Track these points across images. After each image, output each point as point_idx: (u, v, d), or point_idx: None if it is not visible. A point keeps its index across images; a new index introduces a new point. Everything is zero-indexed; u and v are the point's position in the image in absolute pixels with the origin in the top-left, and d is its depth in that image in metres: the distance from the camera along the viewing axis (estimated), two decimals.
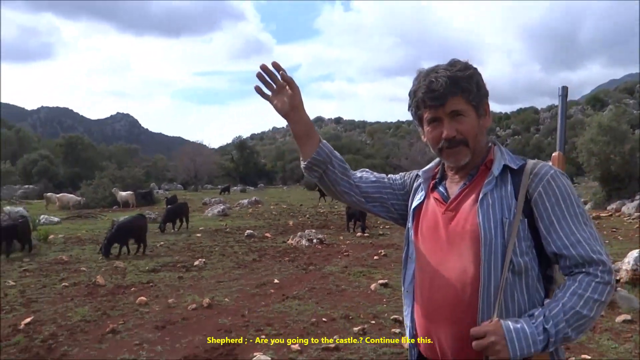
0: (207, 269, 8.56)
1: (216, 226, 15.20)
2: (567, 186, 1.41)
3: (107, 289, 7.07)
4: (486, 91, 1.51)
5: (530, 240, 1.41)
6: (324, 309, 6.01)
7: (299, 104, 1.60)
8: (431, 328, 1.50)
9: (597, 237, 1.38)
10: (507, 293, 1.38)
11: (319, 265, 8.74)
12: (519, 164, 1.47)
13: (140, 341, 4.90)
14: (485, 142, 1.54)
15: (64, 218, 18.44)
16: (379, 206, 1.76)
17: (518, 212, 1.39)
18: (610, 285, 1.34)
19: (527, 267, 1.39)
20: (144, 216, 11.03)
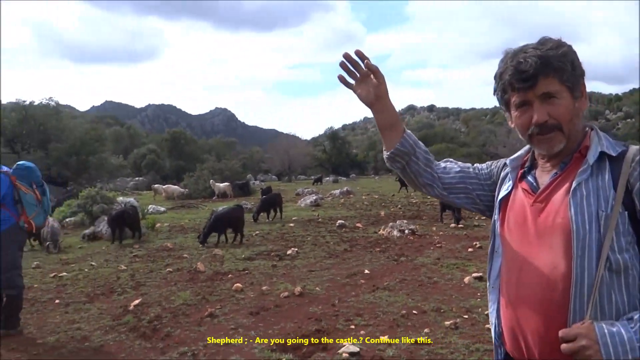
0: (299, 258, 8.76)
1: (309, 216, 15.50)
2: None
3: (207, 275, 7.47)
4: (582, 70, 1.37)
5: (631, 236, 1.27)
6: (414, 301, 5.92)
7: (384, 94, 1.57)
8: (518, 327, 1.41)
9: None
10: (603, 293, 1.26)
11: (410, 257, 8.61)
12: (619, 150, 1.33)
13: (235, 325, 5.13)
14: (582, 127, 1.40)
15: (169, 208, 19.74)
16: (463, 197, 1.68)
17: (617, 204, 1.26)
18: None
19: (627, 265, 1.26)
20: (242, 207, 11.50)
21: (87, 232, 11.75)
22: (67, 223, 13.82)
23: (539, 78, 1.31)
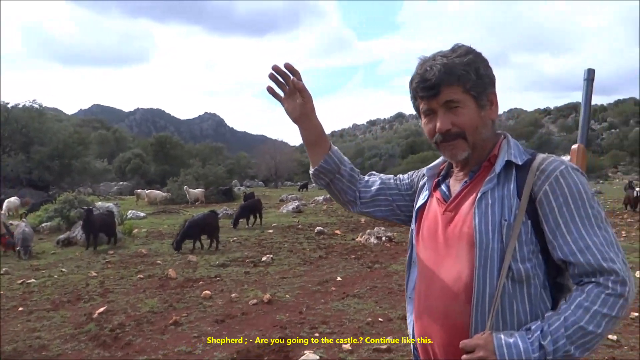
0: (273, 264, 8.72)
1: (289, 223, 15.46)
2: (580, 184, 1.24)
3: (177, 282, 7.40)
4: (491, 79, 1.35)
5: (534, 245, 1.26)
6: (382, 308, 5.91)
7: (309, 111, 1.57)
8: (427, 338, 1.40)
9: (612, 243, 1.21)
10: (505, 302, 1.25)
11: (384, 264, 8.61)
12: (525, 158, 1.32)
13: (198, 334, 5.07)
14: (493, 136, 1.39)
15: (150, 213, 19.58)
16: (384, 209, 1.68)
17: (520, 213, 1.25)
18: (623, 298, 1.16)
19: (529, 274, 1.25)
20: (216, 213, 11.42)
21: (62, 237, 11.59)
22: (43, 228, 13.63)
23: (441, 87, 1.31)
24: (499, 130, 1.42)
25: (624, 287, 1.17)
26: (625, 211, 18.08)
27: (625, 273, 1.18)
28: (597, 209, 1.23)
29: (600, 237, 1.21)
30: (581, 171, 1.28)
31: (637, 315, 5.39)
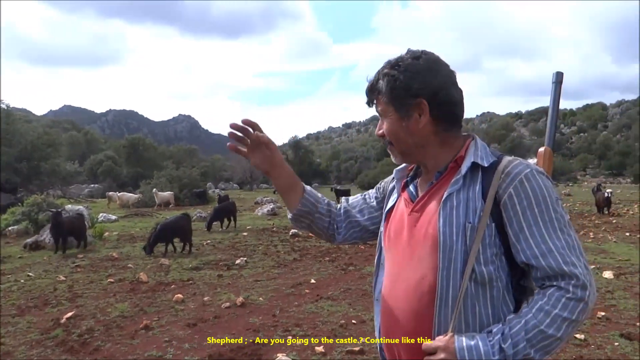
0: (247, 267, 8.66)
1: (264, 225, 15.39)
2: (544, 187, 1.24)
3: (149, 286, 7.28)
4: (412, 91, 1.32)
5: (498, 248, 1.26)
6: (355, 310, 5.92)
7: (278, 162, 1.55)
8: (392, 338, 1.40)
9: (574, 247, 1.22)
10: (468, 305, 1.25)
11: (358, 266, 8.64)
12: (491, 161, 1.31)
13: (169, 338, 4.99)
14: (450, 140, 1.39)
15: (122, 216, 19.25)
16: (359, 230, 1.67)
17: (484, 216, 1.25)
18: (584, 302, 1.17)
19: (492, 277, 1.25)
20: (188, 216, 11.28)
21: (29, 241, 11.29)
22: (10, 232, 13.26)
23: (373, 97, 1.41)
24: (465, 132, 1.43)
25: (584, 291, 1.17)
26: (593, 213, 18.54)
27: (586, 277, 1.19)
28: (561, 212, 1.24)
29: (562, 241, 1.21)
30: (546, 175, 1.29)
31: (604, 314, 5.53)
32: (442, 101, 1.33)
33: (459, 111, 1.37)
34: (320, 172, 68.88)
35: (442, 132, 1.37)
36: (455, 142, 1.39)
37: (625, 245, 10.92)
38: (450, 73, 1.37)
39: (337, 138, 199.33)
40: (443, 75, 1.34)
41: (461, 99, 1.38)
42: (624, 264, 8.60)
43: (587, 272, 1.20)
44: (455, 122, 1.38)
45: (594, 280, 1.21)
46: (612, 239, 11.76)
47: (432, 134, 1.36)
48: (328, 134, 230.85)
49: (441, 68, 1.35)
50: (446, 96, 1.33)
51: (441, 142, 1.38)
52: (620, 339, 4.82)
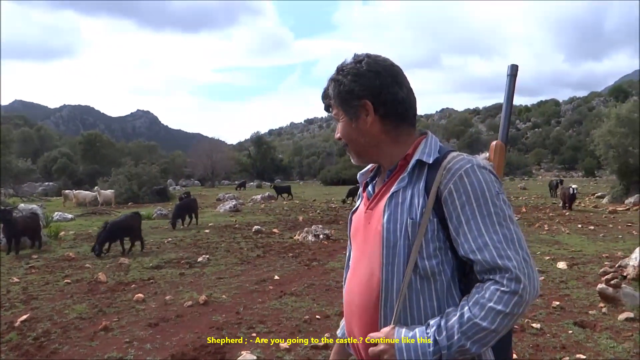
0: (210, 265, 8.56)
1: (226, 222, 15.25)
2: (484, 182, 1.25)
3: (108, 286, 7.10)
4: (355, 94, 1.37)
5: (442, 242, 1.28)
6: (319, 305, 5.95)
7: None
8: (350, 333, 1.47)
9: (511, 240, 1.22)
10: (412, 298, 1.29)
11: (322, 261, 8.68)
12: (436, 157, 1.34)
13: (130, 339, 4.89)
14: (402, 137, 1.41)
15: (79, 215, 18.69)
16: None
17: (426, 212, 1.27)
18: (518, 295, 1.17)
19: (435, 271, 1.27)
20: (139, 214, 10.99)
21: None
22: None
23: (327, 103, 1.48)
24: (424, 130, 1.46)
25: (518, 284, 1.17)
26: (547, 206, 19.20)
27: (522, 270, 1.19)
28: (500, 206, 1.24)
29: (499, 234, 1.22)
30: (489, 169, 1.29)
31: (558, 304, 5.74)
32: (385, 100, 1.36)
33: (404, 109, 1.39)
34: (283, 168, 68.69)
35: (392, 131, 1.40)
36: (409, 140, 1.41)
37: (577, 236, 11.36)
38: (394, 73, 1.39)
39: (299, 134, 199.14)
40: (384, 76, 1.36)
41: (407, 97, 1.39)
42: (577, 255, 8.94)
43: (524, 265, 1.20)
44: (403, 120, 1.40)
45: (535, 273, 1.22)
46: (566, 231, 12.21)
47: (382, 133, 1.40)
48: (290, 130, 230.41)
49: (383, 69, 1.37)
50: (388, 95, 1.36)
51: (393, 141, 1.41)
52: (574, 327, 5.01)
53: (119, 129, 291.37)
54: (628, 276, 6.60)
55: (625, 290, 5.71)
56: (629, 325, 5.03)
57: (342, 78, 1.39)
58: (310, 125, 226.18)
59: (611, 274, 6.09)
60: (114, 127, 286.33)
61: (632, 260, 6.72)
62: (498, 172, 1.38)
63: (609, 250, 9.36)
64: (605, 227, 12.84)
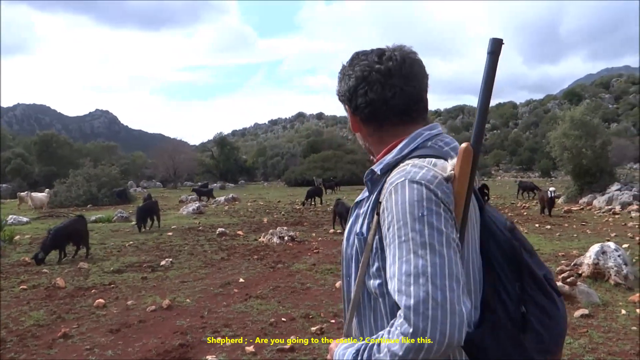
0: (173, 268, 8.43)
1: (189, 224, 15.03)
2: (409, 201, 1.09)
3: (67, 292, 6.90)
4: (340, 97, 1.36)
5: (384, 262, 1.14)
6: (285, 308, 5.94)
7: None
8: None
9: (423, 274, 1.03)
10: (366, 314, 1.25)
11: (287, 263, 8.67)
12: (382, 167, 1.24)
13: (91, 346, 4.77)
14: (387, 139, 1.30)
15: (35, 218, 18.08)
16: None
17: (372, 228, 1.18)
18: (409, 340, 1.00)
19: (377, 292, 1.19)
20: (84, 218, 10.64)
21: None
22: None
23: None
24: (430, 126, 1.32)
25: (408, 327, 1.01)
26: (507, 206, 19.74)
27: (420, 312, 1.00)
28: (421, 231, 1.06)
29: (410, 265, 1.04)
30: (425, 184, 1.11)
31: None
32: (357, 104, 1.29)
33: (379, 110, 1.27)
34: (247, 169, 68.13)
35: (374, 132, 1.33)
36: (392, 141, 1.29)
37: (535, 235, 11.71)
38: (369, 72, 1.26)
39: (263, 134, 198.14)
40: (356, 77, 1.28)
41: (379, 96, 1.26)
42: None
43: (428, 305, 1.00)
44: (381, 120, 1.29)
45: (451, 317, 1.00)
46: (524, 230, 12.58)
47: (367, 135, 1.36)
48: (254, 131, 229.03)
49: (358, 69, 1.28)
50: (359, 97, 1.28)
51: (378, 142, 1.33)
52: None
53: (76, 128, 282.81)
54: (583, 274, 6.85)
55: (580, 288, 5.93)
56: (584, 321, 5.23)
57: (343, 74, 1.35)
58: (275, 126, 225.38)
59: (567, 272, 6.31)
60: (71, 127, 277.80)
61: (587, 258, 6.98)
62: (460, 182, 1.14)
63: (565, 249, 9.69)
64: (561, 227, 13.30)
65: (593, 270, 6.79)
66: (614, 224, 13.88)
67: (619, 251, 6.95)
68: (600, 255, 6.84)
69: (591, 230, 12.43)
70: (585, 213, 16.92)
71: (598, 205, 18.06)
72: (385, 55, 1.28)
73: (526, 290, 1.19)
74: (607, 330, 4.98)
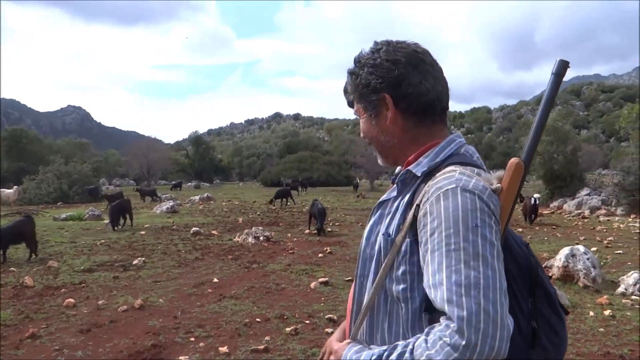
0: (145, 268, 8.30)
1: (163, 223, 14.83)
2: (462, 209, 1.05)
3: (35, 291, 6.73)
4: (373, 87, 1.23)
5: (414, 267, 1.12)
6: (259, 308, 5.91)
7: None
8: None
9: (475, 285, 1.00)
10: (379, 319, 1.21)
11: (262, 263, 8.62)
12: (424, 170, 1.19)
13: (60, 346, 4.66)
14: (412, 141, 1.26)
15: (2, 215, 17.59)
16: None
17: (402, 230, 1.14)
18: (459, 352, 0.96)
19: (400, 297, 1.14)
20: (31, 218, 10.31)
21: None
22: None
23: (348, 98, 1.35)
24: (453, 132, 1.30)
25: (460, 339, 0.97)
26: None
27: (472, 324, 0.97)
28: (474, 242, 1.03)
29: (461, 275, 1.01)
30: (479, 194, 1.08)
31: None
32: (407, 93, 1.21)
33: (429, 101, 1.23)
34: (222, 168, 67.63)
35: (412, 128, 1.25)
36: (428, 140, 1.25)
37: None
38: (416, 61, 1.22)
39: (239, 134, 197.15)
40: (405, 65, 1.21)
41: (434, 88, 1.22)
42: None
43: (480, 318, 0.97)
44: (426, 116, 1.24)
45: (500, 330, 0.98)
46: None
47: (402, 131, 1.26)
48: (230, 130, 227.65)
49: (404, 56, 1.21)
50: (410, 86, 1.21)
51: (411, 140, 1.26)
52: None
53: (47, 124, 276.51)
54: (553, 276, 7.00)
55: None
56: None
57: (359, 70, 1.25)
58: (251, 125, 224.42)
59: None
60: (42, 123, 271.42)
61: (557, 261, 7.14)
62: (507, 197, 1.13)
63: (536, 251, 9.78)
64: (532, 230, 13.56)
65: (563, 273, 6.95)
66: (583, 227, 14.24)
67: (588, 254, 7.12)
68: (570, 258, 6.99)
69: (561, 234, 12.71)
70: (556, 217, 17.30)
71: (568, 209, 18.48)
72: (419, 48, 1.24)
73: (538, 307, 1.17)
74: (575, 331, 5.09)
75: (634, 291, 6.35)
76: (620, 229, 13.68)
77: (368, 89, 1.24)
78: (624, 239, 11.78)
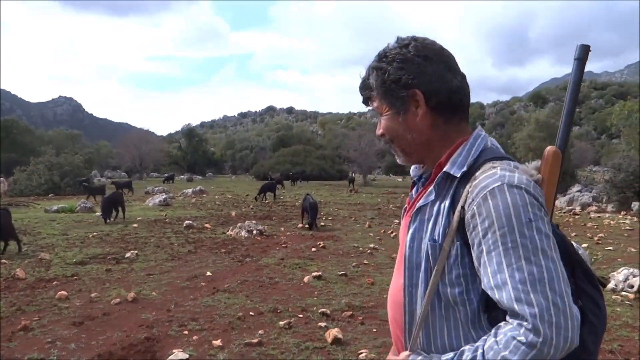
0: (138, 261, 8.28)
1: (155, 216, 14.78)
2: (513, 206, 1.04)
3: (27, 283, 6.70)
4: (404, 82, 1.20)
5: (467, 269, 1.12)
6: (253, 302, 5.92)
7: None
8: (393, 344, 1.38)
9: (540, 280, 1.00)
10: (435, 326, 1.18)
11: (255, 257, 8.63)
12: (464, 169, 1.16)
13: (53, 339, 4.65)
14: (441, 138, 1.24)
15: None
16: None
17: (449, 234, 1.12)
18: (536, 349, 0.97)
19: (457, 300, 1.14)
20: (7, 210, 10.18)
21: None
22: None
23: (367, 95, 1.31)
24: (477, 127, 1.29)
25: (536, 336, 0.98)
26: None
27: (545, 319, 0.98)
28: (531, 237, 1.03)
29: (524, 272, 1.01)
30: (525, 188, 1.07)
31: None
32: (439, 89, 1.20)
33: (458, 98, 1.23)
34: (215, 161, 67.46)
35: (442, 126, 1.24)
36: (458, 137, 1.24)
37: None
38: (445, 57, 1.23)
39: (232, 127, 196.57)
40: (436, 61, 1.21)
41: (462, 85, 1.23)
42: None
43: (551, 312, 0.99)
44: (455, 113, 1.24)
45: (570, 321, 1.00)
46: None
47: (431, 128, 1.23)
48: (223, 123, 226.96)
49: (433, 53, 1.22)
50: (442, 83, 1.20)
51: (441, 138, 1.24)
52: None
53: (38, 115, 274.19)
54: None
55: None
56: None
57: (387, 65, 1.22)
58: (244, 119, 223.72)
59: None
60: (33, 114, 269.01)
61: None
62: (549, 187, 1.16)
63: None
64: None
65: None
66: (574, 224, 14.35)
67: (579, 250, 7.16)
68: None
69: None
70: None
71: (559, 205, 18.62)
72: (443, 47, 1.25)
73: (579, 284, 1.17)
74: None
75: (623, 287, 6.42)
76: (611, 226, 13.81)
77: (398, 84, 1.21)
78: (614, 235, 11.89)
